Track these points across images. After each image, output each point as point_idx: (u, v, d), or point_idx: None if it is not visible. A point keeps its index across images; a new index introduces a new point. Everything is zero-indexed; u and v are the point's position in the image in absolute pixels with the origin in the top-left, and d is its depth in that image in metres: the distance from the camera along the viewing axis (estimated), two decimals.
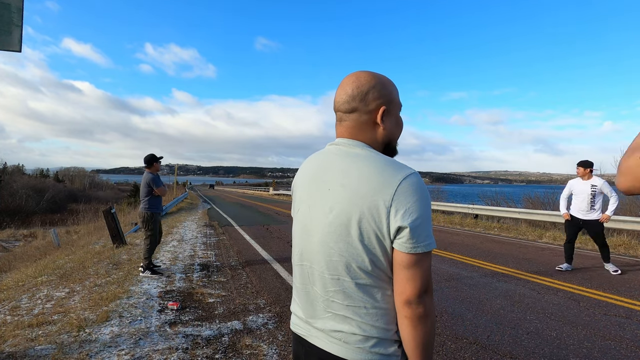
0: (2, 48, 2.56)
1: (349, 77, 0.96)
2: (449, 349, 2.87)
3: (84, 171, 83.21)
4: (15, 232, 24.90)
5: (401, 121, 1.00)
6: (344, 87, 0.96)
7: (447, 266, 5.71)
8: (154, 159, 5.17)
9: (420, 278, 0.84)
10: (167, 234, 9.00)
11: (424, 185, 0.86)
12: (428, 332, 0.86)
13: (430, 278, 0.87)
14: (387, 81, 0.96)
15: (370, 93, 0.93)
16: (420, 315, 0.84)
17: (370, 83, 0.93)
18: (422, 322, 0.85)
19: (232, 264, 5.83)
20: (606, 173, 14.10)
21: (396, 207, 0.82)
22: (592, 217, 5.31)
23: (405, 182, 0.83)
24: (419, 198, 0.83)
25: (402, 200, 0.82)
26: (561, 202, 5.76)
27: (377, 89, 0.93)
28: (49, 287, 4.38)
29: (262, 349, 2.82)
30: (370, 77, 0.94)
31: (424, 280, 0.85)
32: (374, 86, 0.93)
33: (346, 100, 0.94)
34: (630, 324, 3.41)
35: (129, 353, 2.70)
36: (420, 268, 0.84)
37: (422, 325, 0.85)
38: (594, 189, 5.26)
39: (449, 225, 11.64)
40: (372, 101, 0.93)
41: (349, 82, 0.95)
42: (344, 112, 0.96)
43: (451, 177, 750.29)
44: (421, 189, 0.84)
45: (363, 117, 0.93)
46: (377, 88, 0.93)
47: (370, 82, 0.93)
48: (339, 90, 0.97)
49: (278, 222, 12.02)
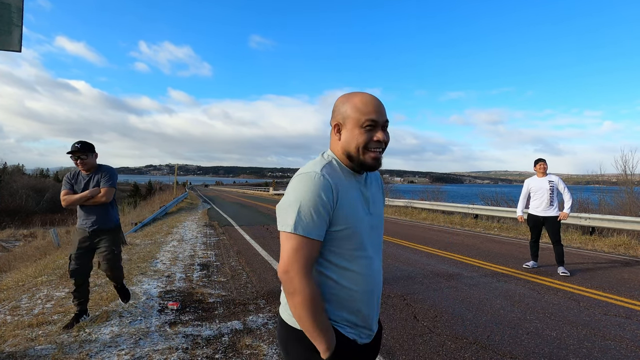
0: (2, 48, 2.56)
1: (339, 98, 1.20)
2: (449, 349, 2.87)
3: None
4: (15, 232, 24.90)
5: (357, 134, 1.10)
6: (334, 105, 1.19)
7: (447, 266, 5.71)
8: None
9: (282, 254, 1.02)
10: (167, 234, 9.01)
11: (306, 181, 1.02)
12: (295, 306, 1.00)
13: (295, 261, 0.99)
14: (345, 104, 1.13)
15: (334, 114, 1.15)
16: (285, 289, 1.03)
17: (336, 103, 1.16)
18: (289, 297, 1.02)
19: (232, 264, 5.83)
20: (606, 173, 14.11)
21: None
22: (551, 214, 5.45)
23: (296, 177, 1.07)
24: (291, 188, 1.05)
25: (286, 189, 1.08)
26: (520, 202, 5.93)
27: (337, 108, 1.14)
28: (49, 287, 4.38)
29: (262, 349, 2.82)
30: (339, 101, 1.15)
31: (285, 259, 1.01)
32: (336, 106, 1.15)
33: (332, 117, 1.18)
34: (630, 324, 3.41)
35: (129, 353, 2.70)
36: (282, 246, 1.03)
37: (289, 298, 1.02)
38: (551, 185, 5.44)
39: (449, 225, 11.64)
40: (333, 118, 1.15)
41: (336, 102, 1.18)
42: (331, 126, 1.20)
43: (451, 177, 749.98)
44: (298, 183, 1.04)
45: (333, 130, 1.16)
46: (337, 107, 1.14)
47: (336, 103, 1.16)
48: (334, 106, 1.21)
49: None
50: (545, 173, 5.53)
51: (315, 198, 1.00)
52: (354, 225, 1.07)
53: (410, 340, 3.02)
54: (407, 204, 16.39)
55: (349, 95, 1.14)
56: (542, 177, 5.54)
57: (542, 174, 5.53)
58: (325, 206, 1.01)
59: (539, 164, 5.58)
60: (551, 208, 5.45)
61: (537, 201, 5.57)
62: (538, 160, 5.62)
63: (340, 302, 1.07)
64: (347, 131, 1.11)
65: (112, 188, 3.28)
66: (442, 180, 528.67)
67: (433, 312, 3.65)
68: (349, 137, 1.11)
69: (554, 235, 5.43)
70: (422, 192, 20.58)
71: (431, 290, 4.43)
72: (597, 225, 8.84)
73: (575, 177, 60.26)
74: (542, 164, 5.55)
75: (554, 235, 5.44)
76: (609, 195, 12.87)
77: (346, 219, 1.05)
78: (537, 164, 5.61)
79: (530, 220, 5.71)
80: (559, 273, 5.22)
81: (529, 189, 5.69)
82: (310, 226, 1.00)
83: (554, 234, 5.44)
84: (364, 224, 1.10)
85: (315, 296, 1.00)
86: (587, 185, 17.07)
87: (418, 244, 7.84)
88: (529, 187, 5.68)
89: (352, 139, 1.10)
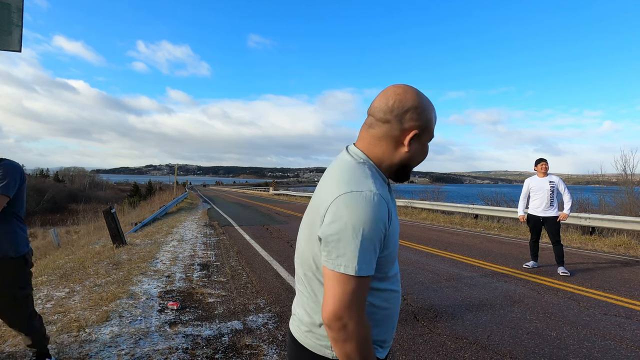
0: (2, 48, 2.56)
1: (394, 88, 0.95)
2: (449, 349, 2.87)
3: (84, 171, 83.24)
4: None
5: (426, 151, 0.99)
6: (386, 96, 0.94)
7: (447, 266, 5.71)
8: None
9: (333, 298, 0.81)
10: (167, 234, 9.01)
11: (364, 205, 0.81)
12: (347, 354, 0.84)
13: (351, 305, 0.81)
14: (430, 108, 0.95)
15: (410, 113, 0.92)
16: (335, 338, 0.83)
17: (414, 103, 0.92)
18: (341, 345, 0.83)
19: (232, 264, 5.83)
20: (606, 173, 14.10)
21: (327, 217, 0.84)
22: (551, 214, 5.45)
23: (344, 196, 0.83)
24: (344, 213, 0.81)
25: (332, 212, 0.83)
26: (520, 203, 5.90)
27: (419, 112, 0.92)
28: (49, 287, 4.38)
29: (262, 349, 2.82)
30: (416, 97, 0.93)
31: (337, 303, 0.81)
32: (416, 107, 0.92)
33: (383, 110, 0.93)
34: (630, 324, 3.41)
35: (129, 353, 2.70)
36: (333, 287, 0.82)
37: (339, 346, 0.84)
38: (552, 185, 5.43)
39: (449, 225, 11.64)
40: (408, 121, 0.92)
41: (393, 94, 0.93)
42: (376, 119, 0.95)
43: (451, 177, 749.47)
44: (353, 207, 0.81)
45: (393, 132, 0.93)
46: (418, 110, 0.92)
47: (414, 102, 0.92)
48: (380, 96, 0.96)
49: (278, 222, 12.02)
50: (546, 173, 5.51)
51: (376, 227, 0.82)
52: (395, 244, 0.93)
53: (410, 340, 3.02)
54: (407, 204, 16.39)
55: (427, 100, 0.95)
56: (543, 177, 5.52)
57: (543, 174, 5.52)
58: (385, 235, 0.85)
59: (540, 164, 5.56)
60: (551, 208, 5.45)
61: (537, 201, 5.56)
62: (539, 160, 5.60)
63: (378, 325, 0.95)
64: (421, 144, 0.96)
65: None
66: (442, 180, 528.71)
67: (433, 312, 3.65)
68: (420, 150, 0.96)
69: (554, 235, 5.43)
70: (422, 192, 20.57)
71: (431, 290, 4.42)
72: (597, 225, 8.84)
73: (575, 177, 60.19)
74: (544, 164, 5.53)
75: (553, 235, 5.44)
76: (609, 195, 12.87)
77: (391, 242, 0.90)
78: (538, 164, 5.59)
79: (530, 220, 5.70)
80: (559, 273, 5.22)
81: (529, 188, 5.68)
82: (371, 263, 0.83)
83: (554, 234, 5.43)
84: (396, 239, 0.95)
85: (369, 336, 0.86)
86: (587, 185, 17.08)
87: (418, 244, 7.84)
88: (529, 186, 5.67)
89: (422, 153, 0.97)
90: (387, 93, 0.94)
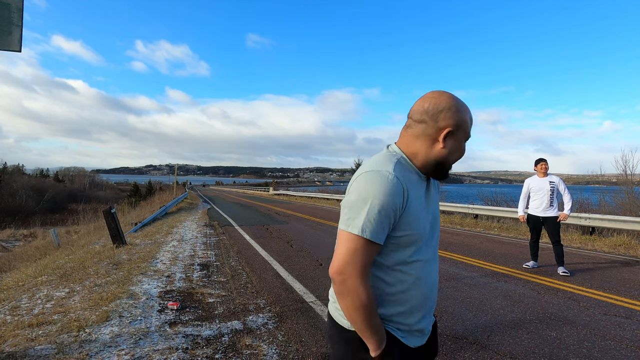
0: (2, 48, 2.56)
1: (432, 94, 1.07)
2: (449, 349, 2.87)
3: (84, 171, 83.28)
4: (15, 232, 24.92)
5: (463, 149, 1.08)
6: (423, 100, 1.07)
7: (447, 266, 5.71)
8: None
9: (339, 254, 0.98)
10: (167, 234, 9.01)
11: (378, 181, 0.96)
12: (346, 308, 0.98)
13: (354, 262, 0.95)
14: (464, 109, 1.06)
15: (444, 113, 1.03)
16: (336, 290, 0.99)
17: (447, 104, 1.03)
18: (339, 297, 0.99)
19: (232, 264, 5.83)
20: (606, 173, 14.10)
21: (348, 190, 1.04)
22: (551, 214, 5.45)
23: (364, 174, 0.99)
24: (361, 186, 0.98)
25: (352, 186, 1.02)
26: (520, 203, 5.89)
27: (452, 112, 1.03)
28: (49, 287, 4.38)
29: (262, 349, 2.82)
30: (449, 100, 1.04)
31: (341, 259, 0.96)
32: (449, 108, 1.03)
33: (419, 112, 1.06)
34: (630, 324, 3.41)
35: (129, 353, 2.70)
36: (340, 245, 0.98)
37: (339, 299, 0.99)
38: (552, 185, 5.42)
39: (449, 225, 11.64)
40: (442, 120, 1.03)
41: (429, 98, 1.06)
42: (414, 120, 1.08)
43: (451, 177, 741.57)
44: (368, 181, 0.97)
45: (428, 130, 1.04)
46: (452, 111, 1.03)
47: (447, 104, 1.03)
48: (419, 101, 1.09)
49: (278, 222, 12.02)
50: (546, 173, 5.51)
51: (387, 201, 0.95)
52: (417, 230, 1.02)
53: None
54: None
55: (461, 103, 1.06)
56: (543, 177, 5.52)
57: (543, 174, 5.51)
58: (395, 211, 0.96)
59: (540, 164, 5.55)
60: (551, 209, 5.45)
61: (537, 201, 5.56)
62: (539, 160, 5.59)
63: (393, 305, 1.05)
64: (456, 141, 1.06)
65: None
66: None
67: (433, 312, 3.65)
68: (456, 148, 1.06)
69: (554, 235, 5.43)
70: None
71: None
72: (597, 225, 8.84)
73: (575, 177, 60.15)
74: (544, 164, 5.53)
75: (553, 235, 5.44)
76: (609, 195, 12.87)
77: (410, 225, 1.00)
78: (538, 164, 5.58)
79: (530, 220, 5.70)
80: (559, 273, 5.21)
81: (529, 188, 5.67)
82: (377, 230, 0.95)
83: (554, 234, 5.43)
84: (425, 227, 1.06)
85: (368, 299, 0.96)
86: (587, 185, 17.09)
87: None
88: (529, 186, 5.66)
89: (458, 151, 1.07)
90: (424, 98, 1.07)
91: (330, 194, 29.15)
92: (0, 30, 2.50)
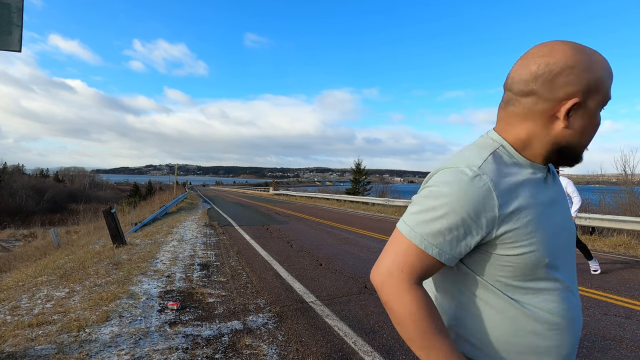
0: (2, 48, 2.56)
1: (539, 48, 0.72)
2: None
3: (84, 171, 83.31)
4: (15, 232, 24.94)
5: (598, 122, 0.72)
6: (527, 60, 0.72)
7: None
8: None
9: (385, 254, 0.76)
10: (167, 234, 9.01)
11: (451, 180, 0.70)
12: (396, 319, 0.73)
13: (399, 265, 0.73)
14: (596, 64, 0.69)
15: (563, 75, 0.68)
16: (381, 299, 0.75)
17: (569, 61, 0.68)
18: (387, 308, 0.75)
19: (232, 264, 5.83)
20: (606, 173, 14.11)
21: None
22: None
23: (440, 172, 0.74)
24: (430, 186, 0.73)
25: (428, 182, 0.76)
26: None
27: (576, 72, 0.67)
28: (49, 287, 4.38)
29: (262, 349, 2.82)
30: (572, 53, 0.68)
31: (387, 260, 0.74)
32: (572, 66, 0.68)
33: (524, 80, 0.71)
34: (630, 324, 3.41)
35: (129, 353, 2.70)
36: (389, 243, 0.76)
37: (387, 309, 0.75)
38: None
39: None
40: (562, 87, 0.68)
41: (536, 55, 0.71)
42: (515, 93, 0.73)
43: None
44: (445, 181, 0.71)
45: (539, 106, 0.70)
46: (576, 70, 0.67)
47: (568, 60, 0.68)
48: (519, 62, 0.74)
49: (278, 222, 12.02)
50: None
51: (459, 208, 0.69)
52: (539, 246, 0.71)
53: None
54: (408, 204, 16.41)
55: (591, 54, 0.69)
56: None
57: None
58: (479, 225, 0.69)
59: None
60: None
61: None
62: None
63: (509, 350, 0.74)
64: (587, 114, 0.70)
65: None
66: None
67: None
68: (588, 123, 0.71)
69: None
70: None
71: None
72: (597, 225, 8.83)
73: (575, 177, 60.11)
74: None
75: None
76: (609, 195, 12.87)
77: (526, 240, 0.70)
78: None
79: None
80: (591, 271, 5.21)
81: None
82: (433, 241, 0.71)
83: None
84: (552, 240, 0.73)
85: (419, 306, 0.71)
86: (587, 185, 17.11)
87: None
88: None
89: (591, 125, 0.71)
90: (527, 56, 0.72)
91: (330, 194, 29.17)
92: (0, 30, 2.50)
